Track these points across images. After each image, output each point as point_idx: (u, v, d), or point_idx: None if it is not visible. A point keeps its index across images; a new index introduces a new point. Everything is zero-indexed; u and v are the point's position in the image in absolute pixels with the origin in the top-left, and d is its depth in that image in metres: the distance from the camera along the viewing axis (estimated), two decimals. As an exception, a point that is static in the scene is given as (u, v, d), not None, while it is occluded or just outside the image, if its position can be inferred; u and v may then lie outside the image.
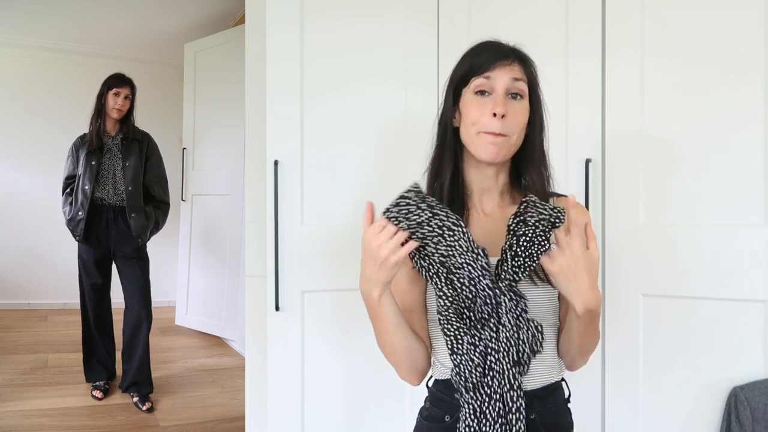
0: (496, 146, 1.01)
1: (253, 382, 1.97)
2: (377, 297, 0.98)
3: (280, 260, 1.71)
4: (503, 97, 1.01)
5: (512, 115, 1.01)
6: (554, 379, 1.08)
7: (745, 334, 1.55)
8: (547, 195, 1.08)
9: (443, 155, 1.08)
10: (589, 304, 0.94)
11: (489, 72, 1.01)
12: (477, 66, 1.02)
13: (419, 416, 1.15)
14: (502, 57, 1.02)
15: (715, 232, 1.57)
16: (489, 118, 1.00)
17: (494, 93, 1.01)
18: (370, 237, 0.93)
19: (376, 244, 0.92)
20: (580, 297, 0.93)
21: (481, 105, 1.01)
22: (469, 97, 1.03)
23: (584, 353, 1.08)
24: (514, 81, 1.02)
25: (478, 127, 1.01)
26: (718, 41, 1.55)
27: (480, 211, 1.10)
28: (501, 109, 0.99)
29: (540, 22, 1.69)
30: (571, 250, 0.91)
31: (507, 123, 1.00)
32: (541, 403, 1.04)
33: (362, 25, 1.75)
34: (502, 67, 1.01)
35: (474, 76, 1.02)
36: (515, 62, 1.03)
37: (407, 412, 1.75)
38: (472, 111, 1.02)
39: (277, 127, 1.72)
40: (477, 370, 0.96)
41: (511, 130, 1.01)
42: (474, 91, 1.03)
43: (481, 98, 1.02)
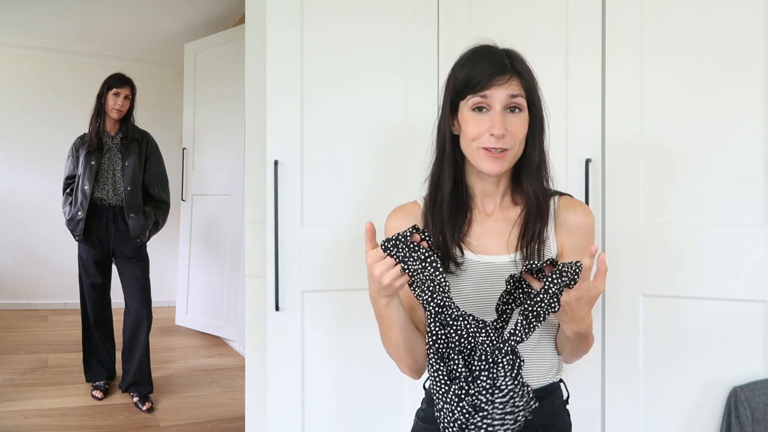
0: (497, 163, 1.00)
1: (253, 382, 1.97)
2: (384, 304, 0.98)
3: (280, 260, 1.71)
4: (501, 114, 0.99)
5: (512, 130, 1.00)
6: (552, 380, 1.09)
7: (744, 334, 1.55)
8: (547, 197, 1.08)
9: (443, 164, 1.07)
10: (579, 330, 0.95)
11: (486, 90, 0.99)
12: (474, 83, 1.00)
13: (416, 417, 1.15)
14: (499, 72, 1.00)
15: (715, 232, 1.57)
16: (488, 136, 0.99)
17: (492, 110, 1.00)
18: (371, 264, 0.92)
19: (377, 273, 0.91)
20: (572, 324, 0.94)
21: (479, 122, 1.00)
22: (466, 112, 1.02)
23: (578, 355, 1.09)
24: (512, 98, 1.00)
25: (478, 143, 1.01)
26: (718, 41, 1.55)
27: (482, 211, 1.10)
28: (499, 130, 0.98)
29: (540, 22, 1.69)
30: (578, 291, 0.89)
31: (507, 139, 0.99)
32: (539, 404, 1.03)
33: (362, 25, 1.75)
34: (499, 85, 0.99)
35: (470, 93, 1.01)
36: (513, 77, 1.01)
37: (407, 411, 1.75)
38: (471, 128, 1.01)
39: (277, 127, 1.72)
40: (456, 424, 0.90)
41: (511, 144, 1.00)
42: (471, 107, 1.01)
43: (479, 115, 1.01)
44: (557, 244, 1.07)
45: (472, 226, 1.08)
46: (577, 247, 1.07)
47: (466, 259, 1.05)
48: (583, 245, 1.07)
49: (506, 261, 1.05)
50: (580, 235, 1.07)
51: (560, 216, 1.08)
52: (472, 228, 1.08)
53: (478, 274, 1.05)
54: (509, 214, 1.09)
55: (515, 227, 1.07)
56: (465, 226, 1.07)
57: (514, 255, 1.05)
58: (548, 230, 1.06)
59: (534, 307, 0.89)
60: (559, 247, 1.07)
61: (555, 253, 1.06)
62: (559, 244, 1.07)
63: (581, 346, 1.05)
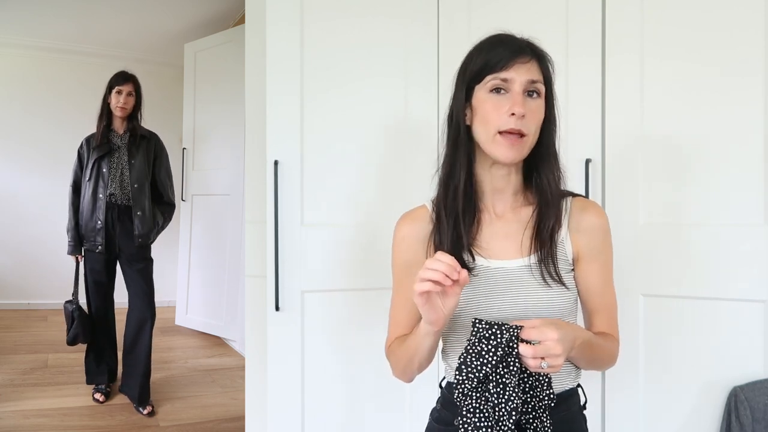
0: (514, 149, 0.96)
1: (253, 382, 1.97)
2: (430, 332, 0.95)
3: (280, 260, 1.71)
4: (521, 95, 0.96)
5: (530, 114, 0.96)
6: (568, 386, 1.05)
7: (745, 334, 1.55)
8: (561, 193, 1.04)
9: (456, 155, 1.02)
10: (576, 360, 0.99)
11: (506, 70, 0.95)
12: (493, 63, 0.96)
13: (430, 417, 1.13)
14: (520, 53, 0.96)
15: (715, 232, 1.57)
16: (507, 117, 0.95)
17: (511, 91, 0.96)
18: (437, 259, 0.87)
19: (431, 267, 0.86)
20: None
21: (498, 104, 0.96)
22: (483, 95, 0.98)
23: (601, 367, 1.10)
24: (532, 83, 0.97)
25: (496, 126, 0.96)
26: (718, 41, 1.55)
27: (492, 212, 1.05)
28: (520, 109, 0.94)
29: (540, 23, 1.69)
30: (543, 342, 0.85)
31: (525, 122, 0.95)
32: (554, 412, 0.99)
33: (362, 25, 1.75)
34: (521, 65, 0.96)
35: (489, 74, 0.96)
36: (533, 60, 0.98)
37: (407, 411, 1.75)
38: (489, 110, 0.97)
39: (277, 127, 1.72)
40: None
41: (529, 129, 0.96)
42: (489, 89, 0.97)
43: (498, 96, 0.96)
44: (572, 247, 1.03)
45: (481, 229, 1.04)
46: (593, 251, 1.03)
47: (477, 264, 1.01)
48: (599, 248, 1.04)
49: (520, 265, 1.01)
50: (596, 238, 1.04)
51: (574, 218, 1.04)
52: (481, 230, 1.04)
53: (490, 281, 1.00)
54: (521, 215, 1.04)
55: (528, 228, 1.02)
56: (474, 228, 1.03)
57: (528, 258, 1.01)
58: (562, 232, 1.03)
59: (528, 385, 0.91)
60: (574, 251, 1.03)
61: (571, 256, 1.03)
62: (574, 248, 1.03)
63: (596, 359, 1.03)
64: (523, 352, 0.85)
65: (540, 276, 0.99)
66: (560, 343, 0.83)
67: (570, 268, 1.03)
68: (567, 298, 1.01)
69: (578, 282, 1.05)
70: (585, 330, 1.01)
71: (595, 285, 1.05)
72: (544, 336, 0.84)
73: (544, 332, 0.84)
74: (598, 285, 1.05)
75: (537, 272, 1.00)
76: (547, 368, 0.84)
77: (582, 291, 1.05)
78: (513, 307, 0.99)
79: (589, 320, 1.08)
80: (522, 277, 1.00)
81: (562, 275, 1.00)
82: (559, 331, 0.84)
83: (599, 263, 1.05)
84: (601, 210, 1.08)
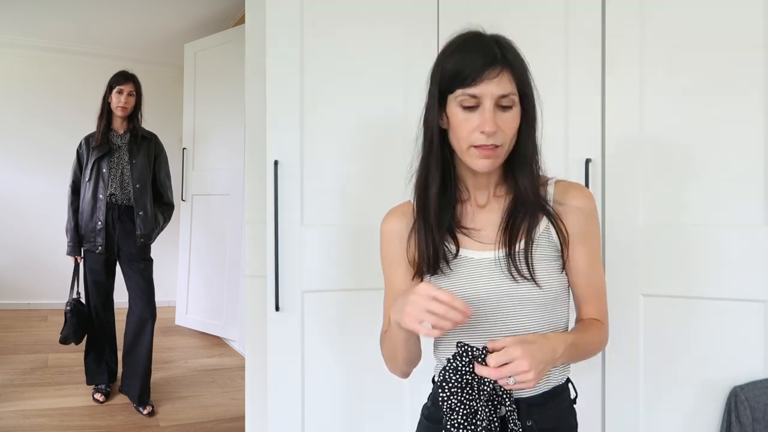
0: (489, 160, 0.96)
1: (253, 382, 1.97)
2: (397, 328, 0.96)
3: (280, 260, 1.71)
4: (491, 112, 0.94)
5: (502, 127, 0.95)
6: (556, 383, 1.05)
7: (745, 334, 1.55)
8: (538, 192, 1.03)
9: (430, 162, 1.02)
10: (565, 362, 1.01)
11: (475, 86, 0.94)
12: (463, 77, 0.94)
13: (421, 413, 1.14)
14: (489, 64, 0.94)
15: (715, 232, 1.57)
16: (478, 133, 0.95)
17: (482, 107, 0.94)
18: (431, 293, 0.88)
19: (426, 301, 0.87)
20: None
21: (469, 120, 0.95)
22: (454, 108, 0.97)
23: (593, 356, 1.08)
24: (503, 97, 0.94)
25: (468, 141, 0.96)
26: (718, 41, 1.55)
27: (474, 203, 1.06)
28: (490, 128, 0.93)
29: (540, 24, 1.69)
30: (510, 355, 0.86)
31: (498, 136, 0.95)
32: (540, 410, 1.01)
33: (362, 25, 1.75)
34: (489, 80, 0.93)
35: (459, 87, 0.95)
36: (503, 71, 0.94)
37: (407, 411, 1.75)
38: (461, 124, 0.96)
39: (277, 127, 1.72)
40: None
41: (503, 140, 0.96)
42: (460, 104, 0.96)
43: (469, 113, 0.95)
44: (559, 232, 1.02)
45: (463, 220, 1.04)
46: (579, 233, 1.03)
47: (460, 256, 1.02)
48: (586, 232, 1.03)
49: (488, 258, 1.01)
50: (582, 220, 1.03)
51: (557, 202, 1.03)
52: (463, 221, 1.04)
53: (469, 273, 1.01)
54: (503, 203, 1.04)
55: (503, 221, 1.02)
56: (454, 221, 1.04)
57: (497, 252, 1.01)
58: (542, 224, 1.02)
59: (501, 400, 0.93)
60: (562, 236, 1.02)
61: (558, 244, 1.02)
62: (561, 234, 1.02)
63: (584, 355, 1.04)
64: (479, 372, 0.88)
65: (507, 270, 0.99)
66: (526, 359, 0.85)
67: (557, 254, 1.02)
68: (539, 295, 1.00)
69: (566, 266, 1.04)
70: (567, 334, 1.01)
71: (583, 268, 1.04)
72: (509, 356, 0.85)
73: (509, 353, 0.86)
74: (585, 267, 1.04)
75: (504, 266, 1.00)
76: (515, 384, 0.86)
77: (570, 275, 1.05)
78: (486, 301, 1.00)
79: (578, 306, 1.08)
80: (492, 270, 1.00)
81: (538, 270, 0.99)
82: (526, 348, 0.86)
83: (586, 246, 1.04)
84: (585, 191, 1.08)
